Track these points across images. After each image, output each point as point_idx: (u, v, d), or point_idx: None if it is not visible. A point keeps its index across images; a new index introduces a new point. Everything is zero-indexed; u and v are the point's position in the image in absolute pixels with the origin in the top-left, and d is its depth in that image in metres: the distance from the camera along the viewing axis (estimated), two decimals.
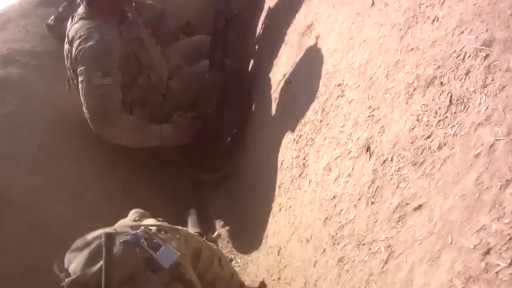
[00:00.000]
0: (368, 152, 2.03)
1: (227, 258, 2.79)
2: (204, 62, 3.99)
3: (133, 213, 2.25)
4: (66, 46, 3.37)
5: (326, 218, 2.16)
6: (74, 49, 3.24)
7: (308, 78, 2.82)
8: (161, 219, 2.21)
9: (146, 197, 3.33)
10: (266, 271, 2.67)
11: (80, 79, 3.23)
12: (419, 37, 1.92)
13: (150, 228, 1.98)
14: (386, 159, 1.90)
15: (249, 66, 4.12)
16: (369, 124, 2.09)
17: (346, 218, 2.02)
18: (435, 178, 1.63)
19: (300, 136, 2.72)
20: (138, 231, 1.90)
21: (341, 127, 2.31)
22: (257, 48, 4.07)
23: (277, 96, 3.27)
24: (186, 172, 3.98)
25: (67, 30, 3.37)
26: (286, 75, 3.22)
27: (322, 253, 2.10)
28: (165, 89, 3.77)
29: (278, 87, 3.30)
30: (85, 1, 3.31)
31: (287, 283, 2.36)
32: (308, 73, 2.86)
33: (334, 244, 2.03)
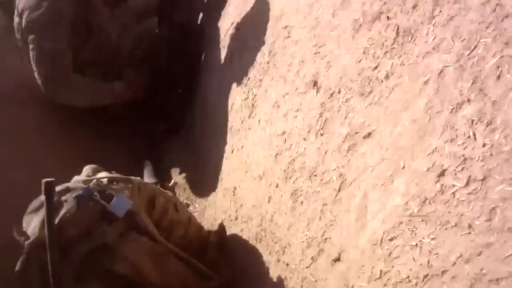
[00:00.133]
0: (316, 87, 1.96)
1: (183, 204, 2.71)
2: (153, 18, 3.86)
3: (87, 169, 2.15)
4: (16, 19, 3.20)
5: (277, 154, 2.10)
6: (24, 20, 3.09)
7: (256, 24, 2.72)
8: (114, 172, 2.10)
9: (102, 154, 3.21)
10: (224, 213, 2.60)
11: (31, 47, 3.09)
12: None
13: (102, 181, 1.89)
14: (334, 92, 1.84)
15: (198, 19, 3.97)
16: (316, 61, 2.02)
17: (297, 152, 1.96)
18: (384, 106, 1.57)
19: (249, 79, 2.63)
20: (90, 184, 1.82)
21: (288, 66, 2.23)
22: (206, 1, 3.92)
23: (226, 44, 3.17)
24: (140, 126, 3.88)
25: (16, 3, 3.19)
26: (234, 24, 3.11)
27: (276, 188, 2.04)
28: (115, 48, 3.63)
29: (227, 36, 3.19)
30: None
31: (245, 222, 2.31)
32: (256, 19, 2.76)
33: (287, 178, 1.97)
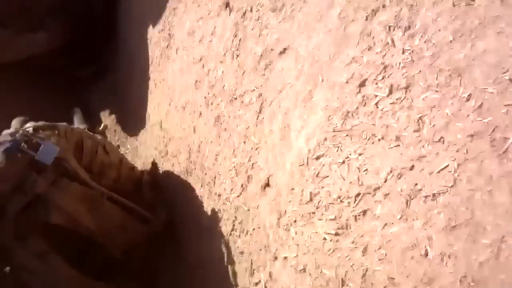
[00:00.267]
0: (228, 8, 1.81)
1: (114, 146, 2.55)
2: None
3: (15, 122, 1.97)
4: None
5: (197, 81, 1.96)
6: None
7: None
8: (42, 122, 1.91)
9: (31, 105, 2.98)
10: (155, 149, 2.47)
11: None
12: None
13: (28, 130, 1.73)
14: (246, 11, 1.69)
15: None
16: None
17: (215, 77, 1.82)
18: (297, 20, 1.45)
19: (165, 10, 2.42)
20: (17, 135, 1.67)
21: None
22: None
23: None
24: (65, 73, 3.71)
25: None
26: None
27: (199, 117, 1.92)
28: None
29: None
30: None
31: (174, 156, 2.18)
32: None
33: (208, 105, 1.84)
